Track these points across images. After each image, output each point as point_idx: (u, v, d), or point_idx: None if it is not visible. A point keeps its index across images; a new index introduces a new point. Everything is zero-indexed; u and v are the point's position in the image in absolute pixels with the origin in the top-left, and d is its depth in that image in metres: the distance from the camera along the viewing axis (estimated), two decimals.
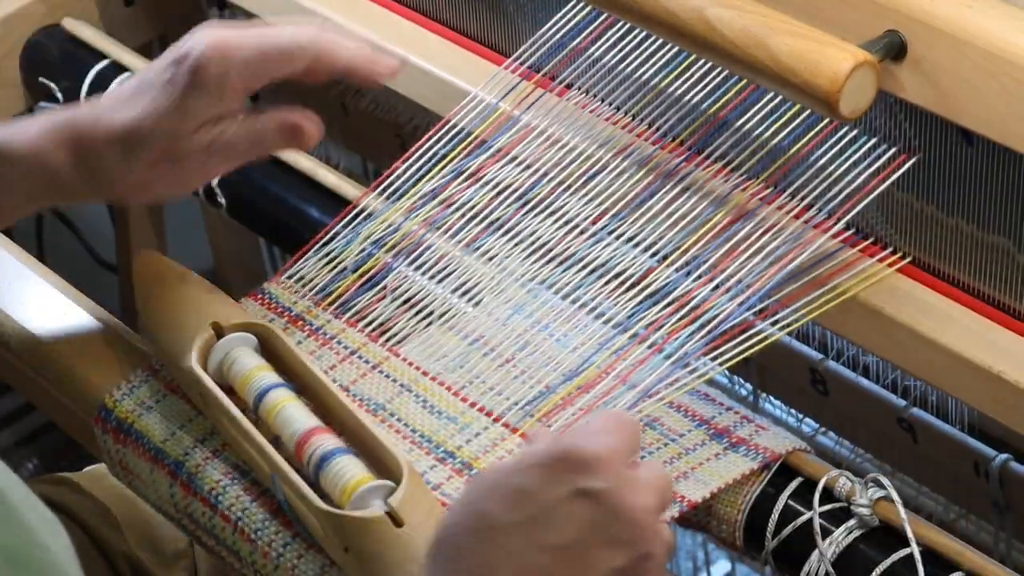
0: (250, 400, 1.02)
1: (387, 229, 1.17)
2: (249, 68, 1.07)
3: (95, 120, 1.09)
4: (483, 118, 1.22)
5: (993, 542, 1.27)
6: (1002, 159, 1.04)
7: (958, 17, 1.01)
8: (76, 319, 1.20)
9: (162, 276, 1.12)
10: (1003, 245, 1.07)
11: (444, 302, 1.13)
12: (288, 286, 1.16)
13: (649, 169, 1.16)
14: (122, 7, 1.62)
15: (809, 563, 1.05)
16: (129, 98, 1.09)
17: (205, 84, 1.06)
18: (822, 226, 1.10)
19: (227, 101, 1.08)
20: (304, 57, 1.08)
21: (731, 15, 1.04)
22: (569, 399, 1.04)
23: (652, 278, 1.10)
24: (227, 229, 1.76)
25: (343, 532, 0.94)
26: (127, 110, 1.09)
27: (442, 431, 1.05)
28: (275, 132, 1.10)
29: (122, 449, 1.09)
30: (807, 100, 1.02)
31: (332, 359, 1.11)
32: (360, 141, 1.67)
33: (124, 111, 1.09)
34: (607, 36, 1.20)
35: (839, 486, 1.06)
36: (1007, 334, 1.08)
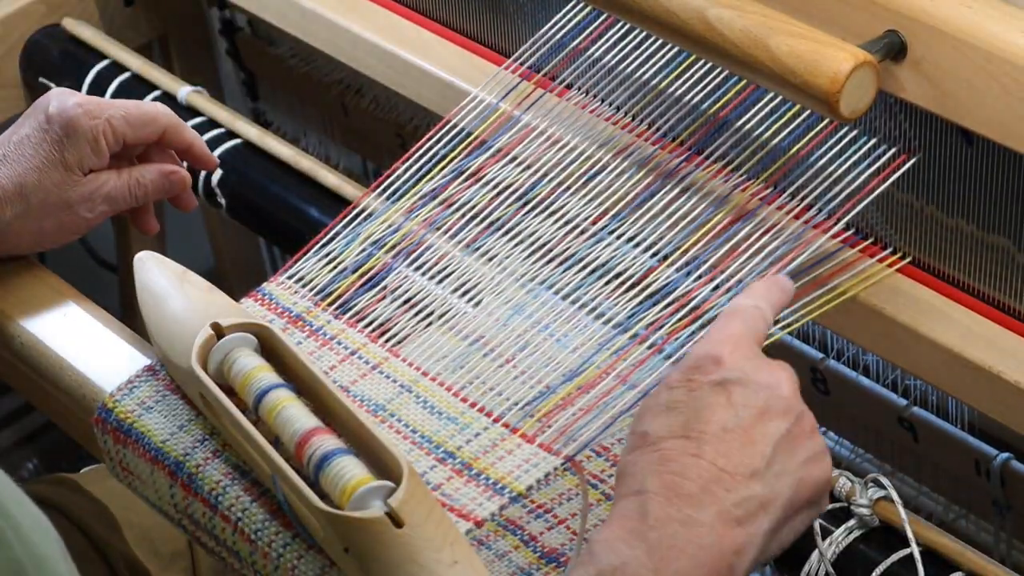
0: (250, 400, 1.02)
1: (387, 229, 1.17)
2: (114, 125, 1.20)
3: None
4: (483, 118, 1.22)
5: (993, 542, 1.27)
6: (1002, 159, 1.05)
7: (958, 17, 1.01)
8: (76, 319, 1.20)
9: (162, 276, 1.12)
10: (1003, 245, 1.07)
11: (444, 302, 1.13)
12: (288, 286, 1.16)
13: (649, 169, 1.16)
14: (122, 7, 1.62)
15: (809, 563, 1.05)
16: (10, 156, 1.19)
17: (78, 136, 1.18)
18: (822, 226, 1.10)
19: (100, 153, 1.20)
20: (160, 124, 1.22)
21: (731, 15, 1.04)
22: (569, 399, 1.04)
23: (652, 278, 1.10)
24: (227, 229, 1.77)
25: (343, 533, 0.94)
26: (10, 168, 1.18)
27: (442, 431, 1.05)
28: (153, 182, 1.23)
29: (122, 449, 1.09)
30: (807, 100, 1.02)
31: (332, 359, 1.11)
32: (360, 141, 1.67)
33: (7, 169, 1.18)
34: (607, 36, 1.20)
35: (839, 486, 1.06)
36: (1007, 334, 1.08)
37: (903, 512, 1.04)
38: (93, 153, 1.20)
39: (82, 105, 1.20)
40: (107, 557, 1.25)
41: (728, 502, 0.89)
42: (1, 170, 1.18)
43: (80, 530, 1.25)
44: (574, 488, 1.06)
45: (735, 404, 0.92)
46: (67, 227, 1.21)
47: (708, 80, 1.16)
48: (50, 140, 1.19)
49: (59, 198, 1.19)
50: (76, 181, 1.19)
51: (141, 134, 1.22)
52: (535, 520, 1.05)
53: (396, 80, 1.36)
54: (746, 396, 0.92)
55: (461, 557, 0.93)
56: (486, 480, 1.01)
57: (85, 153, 1.19)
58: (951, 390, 1.09)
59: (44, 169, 1.18)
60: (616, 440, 1.09)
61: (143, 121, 1.22)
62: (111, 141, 1.20)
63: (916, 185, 1.10)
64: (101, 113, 1.20)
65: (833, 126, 1.10)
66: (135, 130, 1.21)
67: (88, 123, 1.19)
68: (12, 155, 1.19)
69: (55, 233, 1.21)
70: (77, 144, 1.19)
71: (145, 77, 1.50)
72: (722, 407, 0.92)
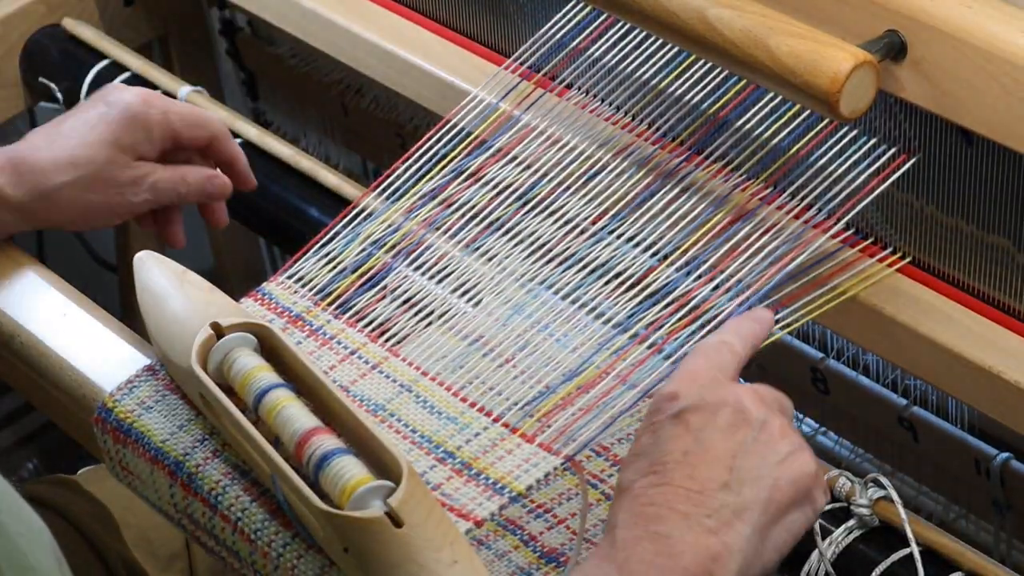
0: (250, 400, 1.02)
1: (387, 229, 1.17)
2: (168, 119, 1.24)
3: (35, 148, 1.22)
4: (483, 118, 1.22)
5: (993, 542, 1.27)
6: (1002, 159, 1.04)
7: (958, 17, 1.01)
8: (76, 319, 1.20)
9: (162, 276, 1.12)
10: (1003, 245, 1.07)
11: (444, 302, 1.13)
12: (288, 286, 1.16)
13: (649, 169, 1.16)
14: (122, 7, 1.62)
15: (809, 563, 1.05)
16: (65, 131, 1.23)
17: (134, 121, 1.22)
18: (822, 226, 1.10)
19: (152, 141, 1.23)
20: (210, 130, 1.26)
21: (731, 15, 1.04)
22: (569, 399, 1.04)
23: (652, 278, 1.10)
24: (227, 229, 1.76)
25: (343, 532, 0.94)
26: (64, 140, 1.22)
27: (442, 431, 1.05)
28: (197, 182, 1.26)
29: (122, 449, 1.09)
30: (807, 100, 1.02)
31: (332, 359, 1.11)
32: (360, 141, 1.67)
33: (63, 140, 1.22)
34: (607, 36, 1.20)
35: (839, 486, 1.06)
36: (1007, 334, 1.08)
37: (903, 512, 1.04)
38: (146, 140, 1.23)
39: (142, 95, 1.24)
40: (105, 558, 1.25)
41: (699, 515, 0.90)
42: (56, 142, 1.22)
43: (78, 531, 1.25)
44: (574, 488, 1.06)
45: (693, 429, 0.93)
46: (113, 207, 1.24)
47: (708, 80, 1.16)
48: (106, 121, 1.23)
49: (109, 175, 1.23)
50: (126, 163, 1.23)
51: (192, 134, 1.25)
52: (535, 520, 1.05)
53: (396, 80, 1.36)
54: (703, 419, 0.93)
55: (461, 557, 0.93)
56: (486, 480, 1.01)
57: (138, 138, 1.23)
58: (951, 390, 1.09)
59: (97, 145, 1.22)
60: (616, 440, 1.09)
61: (197, 123, 1.25)
62: (164, 133, 1.24)
63: (916, 185, 1.10)
64: (159, 105, 1.24)
65: (833, 126, 1.10)
66: (188, 129, 1.25)
67: (145, 111, 1.23)
68: (67, 131, 1.23)
69: (101, 210, 1.24)
70: (132, 128, 1.22)
71: (145, 77, 1.50)
72: (681, 436, 0.93)
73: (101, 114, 1.23)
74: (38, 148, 1.22)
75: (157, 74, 1.49)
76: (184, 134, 1.25)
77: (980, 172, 1.06)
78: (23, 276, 1.23)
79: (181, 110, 1.25)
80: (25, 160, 1.21)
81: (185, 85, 1.47)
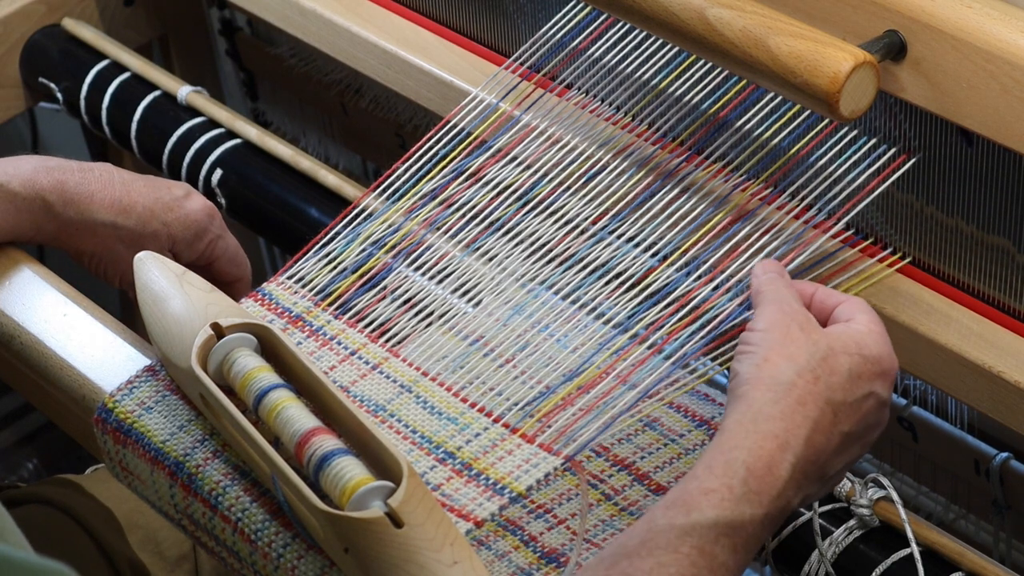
0: (250, 401, 1.02)
1: (387, 229, 1.17)
2: (217, 245, 1.26)
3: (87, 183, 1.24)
4: (483, 118, 1.22)
5: (993, 542, 1.27)
6: (1002, 159, 1.05)
7: (958, 17, 1.01)
8: (76, 319, 1.20)
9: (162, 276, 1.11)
10: (1003, 245, 1.07)
11: (444, 302, 1.13)
12: (288, 286, 1.16)
13: (649, 169, 1.16)
14: (122, 7, 1.62)
15: (809, 563, 1.05)
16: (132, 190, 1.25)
17: (189, 227, 1.24)
18: (822, 226, 1.10)
19: (192, 253, 1.25)
20: (241, 273, 1.29)
21: (731, 15, 1.04)
22: (569, 399, 1.04)
23: (652, 278, 1.10)
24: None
25: (343, 533, 0.94)
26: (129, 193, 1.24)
27: (442, 432, 1.05)
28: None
29: (122, 450, 1.09)
30: (807, 100, 1.02)
31: (332, 360, 1.11)
32: (360, 141, 1.67)
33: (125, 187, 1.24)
34: (607, 36, 1.20)
35: (839, 486, 1.06)
36: (1007, 334, 1.08)
37: (903, 512, 1.04)
38: (188, 247, 1.25)
39: (210, 210, 1.26)
40: (112, 560, 1.25)
41: None
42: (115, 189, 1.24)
43: (86, 532, 1.25)
44: (574, 488, 1.06)
45: None
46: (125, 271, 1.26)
47: (708, 80, 1.16)
48: (169, 207, 1.25)
49: (142, 243, 1.24)
50: (161, 247, 1.24)
51: (225, 268, 1.28)
52: (535, 520, 1.05)
53: (396, 80, 1.36)
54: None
55: (461, 557, 0.93)
56: (486, 480, 1.01)
57: (186, 237, 1.25)
58: (951, 390, 1.09)
59: (151, 218, 1.24)
60: (616, 440, 1.09)
61: (235, 261, 1.28)
62: (207, 253, 1.27)
63: (916, 185, 1.10)
64: (216, 229, 1.26)
65: (833, 126, 1.10)
66: (226, 263, 1.28)
67: (206, 226, 1.25)
68: (134, 191, 1.25)
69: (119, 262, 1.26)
70: (184, 229, 1.25)
71: (145, 77, 1.50)
72: None
73: (171, 199, 1.25)
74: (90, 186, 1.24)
75: (157, 74, 1.49)
76: (220, 264, 1.27)
77: (980, 172, 1.06)
78: (23, 276, 1.23)
79: (230, 244, 1.27)
80: (79, 194, 1.24)
81: (185, 85, 1.47)
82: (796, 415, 0.93)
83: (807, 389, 0.93)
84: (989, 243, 1.07)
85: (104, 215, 1.23)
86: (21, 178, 1.21)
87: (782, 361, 0.94)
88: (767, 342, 0.95)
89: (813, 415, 0.93)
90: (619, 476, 1.07)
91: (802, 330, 0.95)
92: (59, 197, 1.22)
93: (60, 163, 1.24)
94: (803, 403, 0.93)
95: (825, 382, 0.94)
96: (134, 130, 1.49)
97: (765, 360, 0.94)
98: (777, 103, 1.12)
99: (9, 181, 1.21)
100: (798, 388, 0.93)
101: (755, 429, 0.92)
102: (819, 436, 0.93)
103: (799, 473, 0.92)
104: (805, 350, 0.94)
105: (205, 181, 1.42)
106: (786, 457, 0.92)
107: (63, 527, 1.25)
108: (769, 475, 0.91)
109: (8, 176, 1.21)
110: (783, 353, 0.94)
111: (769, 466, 0.91)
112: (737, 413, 0.93)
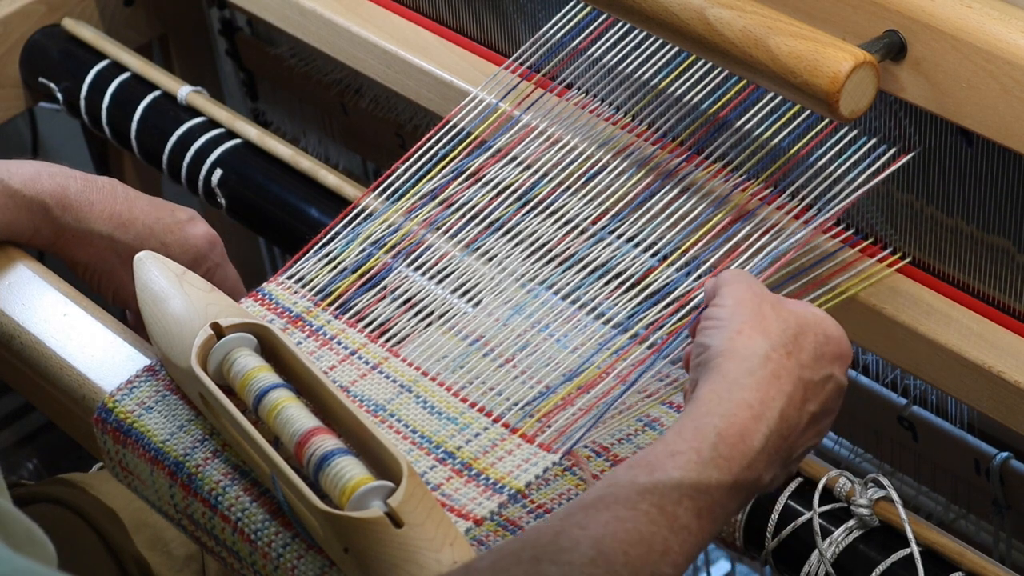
0: (250, 400, 1.02)
1: (387, 229, 1.17)
2: (215, 275, 1.25)
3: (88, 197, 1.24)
4: (483, 118, 1.22)
5: (993, 542, 1.27)
6: (1002, 159, 1.05)
7: (958, 17, 1.01)
8: (76, 319, 1.20)
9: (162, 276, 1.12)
10: (1003, 245, 1.07)
11: (444, 302, 1.13)
12: (288, 286, 1.16)
13: (649, 169, 1.16)
14: (122, 7, 1.62)
15: (809, 563, 1.05)
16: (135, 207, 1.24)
17: (188, 252, 1.24)
18: (822, 226, 1.10)
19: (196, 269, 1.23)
20: None
21: (731, 15, 1.04)
22: (569, 399, 1.04)
23: (652, 278, 1.10)
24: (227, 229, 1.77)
25: (343, 533, 0.94)
26: (132, 209, 1.24)
27: (442, 432, 1.05)
28: None
29: (122, 449, 1.09)
30: (807, 100, 1.02)
31: (332, 359, 1.11)
32: (360, 141, 1.67)
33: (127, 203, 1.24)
34: (607, 36, 1.20)
35: (839, 486, 1.06)
36: (1007, 334, 1.08)
37: (903, 512, 1.04)
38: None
39: (212, 238, 1.26)
40: (120, 559, 1.25)
41: None
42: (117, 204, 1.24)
43: (94, 531, 1.26)
44: (574, 488, 1.06)
45: None
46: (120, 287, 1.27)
47: (708, 80, 1.16)
48: (169, 229, 1.24)
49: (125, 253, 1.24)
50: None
51: None
52: (535, 520, 1.05)
53: (396, 80, 1.36)
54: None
55: (461, 557, 0.93)
56: (486, 480, 1.01)
57: (179, 261, 1.24)
58: (951, 390, 1.09)
59: (149, 236, 1.24)
60: (616, 440, 1.09)
61: (232, 294, 1.25)
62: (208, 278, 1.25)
63: (916, 185, 1.10)
64: (216, 258, 1.26)
65: (833, 126, 1.10)
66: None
67: (205, 253, 1.25)
68: (137, 208, 1.24)
69: (112, 277, 1.26)
70: (183, 255, 1.24)
71: (145, 77, 1.50)
72: None
73: (173, 221, 1.24)
74: (91, 195, 1.24)
75: (157, 74, 1.49)
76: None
77: (980, 172, 1.06)
78: (23, 276, 1.23)
79: (229, 274, 1.26)
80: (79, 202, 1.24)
81: (185, 85, 1.47)
82: (771, 388, 0.92)
83: (781, 363, 0.93)
84: (989, 243, 1.07)
85: (102, 226, 1.23)
86: (23, 177, 1.21)
87: (756, 335, 0.93)
88: (739, 316, 0.94)
89: (787, 389, 0.93)
90: None
91: (772, 308, 0.95)
92: (58, 202, 1.22)
93: (65, 170, 1.24)
94: (778, 376, 0.93)
95: (796, 359, 0.94)
96: (134, 130, 1.49)
97: (738, 332, 0.94)
98: (777, 103, 1.12)
99: (10, 178, 1.21)
100: (772, 361, 0.93)
101: (729, 398, 0.91)
102: (792, 411, 0.93)
103: (771, 445, 0.92)
104: (777, 326, 0.94)
105: (205, 181, 1.42)
106: (760, 427, 0.91)
107: (71, 526, 1.25)
108: (741, 443, 0.90)
109: (10, 174, 1.21)
110: (757, 327, 0.94)
111: (742, 434, 0.91)
112: (711, 383, 0.93)
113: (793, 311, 0.96)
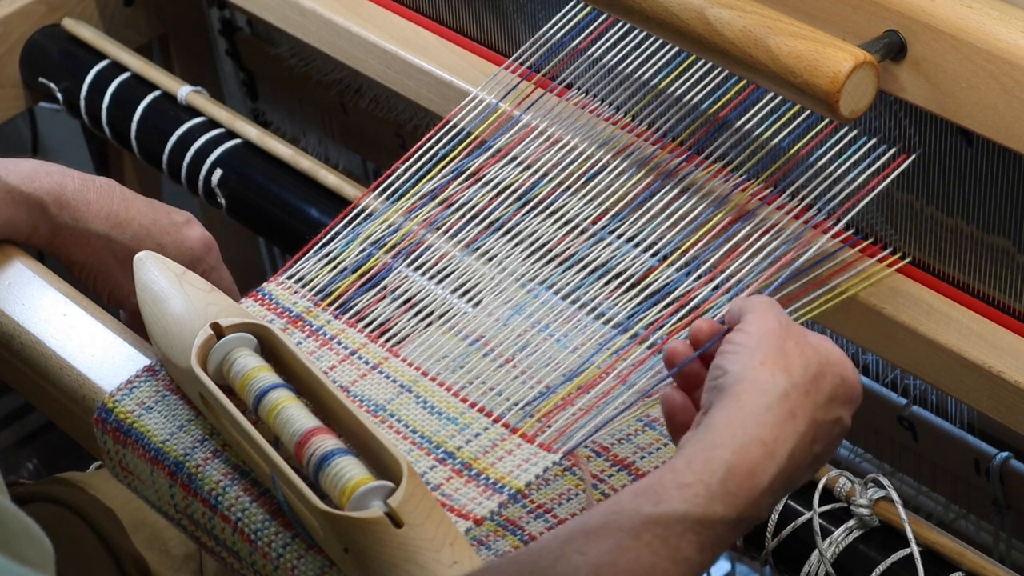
0: (250, 400, 1.02)
1: (387, 229, 1.17)
2: (210, 277, 1.23)
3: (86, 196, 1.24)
4: (483, 118, 1.22)
5: (993, 542, 1.27)
6: (1002, 159, 1.05)
7: (958, 17, 1.01)
8: (76, 319, 1.20)
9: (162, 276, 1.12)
10: (1003, 245, 1.07)
11: (444, 302, 1.13)
12: (288, 286, 1.16)
13: (649, 169, 1.16)
14: (122, 7, 1.62)
15: (809, 563, 1.05)
16: (131, 208, 1.24)
17: (184, 253, 1.24)
18: (822, 226, 1.10)
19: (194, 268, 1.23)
20: None
21: (731, 15, 1.04)
22: (569, 399, 1.04)
23: (652, 278, 1.10)
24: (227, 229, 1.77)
25: (343, 533, 0.94)
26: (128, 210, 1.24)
27: (442, 432, 1.05)
28: None
29: (122, 449, 1.09)
30: (807, 100, 1.02)
31: (332, 359, 1.11)
32: (360, 141, 1.67)
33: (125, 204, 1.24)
34: (607, 36, 1.20)
35: (839, 486, 1.06)
36: (1007, 334, 1.08)
37: (903, 512, 1.04)
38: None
39: (208, 242, 1.26)
40: (118, 558, 1.26)
41: None
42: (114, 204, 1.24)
43: (92, 530, 1.26)
44: (574, 488, 1.06)
45: None
46: (119, 287, 1.27)
47: (708, 80, 1.16)
48: (166, 231, 1.24)
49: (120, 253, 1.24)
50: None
51: None
52: (535, 520, 1.05)
53: (396, 80, 1.36)
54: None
55: (461, 557, 0.93)
56: (486, 480, 1.01)
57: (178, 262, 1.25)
58: (951, 390, 1.09)
59: (146, 237, 1.24)
60: (616, 440, 1.09)
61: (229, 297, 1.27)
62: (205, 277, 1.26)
63: (916, 185, 1.10)
64: (211, 261, 1.25)
65: (833, 126, 1.10)
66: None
67: (201, 255, 1.25)
68: (134, 209, 1.24)
69: (109, 277, 1.26)
70: (179, 255, 1.23)
71: (145, 77, 1.50)
72: None
73: (169, 223, 1.24)
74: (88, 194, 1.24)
75: (157, 74, 1.49)
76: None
77: (980, 172, 1.06)
78: (23, 276, 1.23)
79: (223, 278, 1.26)
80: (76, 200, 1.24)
81: (185, 85, 1.47)
82: (787, 426, 0.92)
83: (799, 403, 0.92)
84: (989, 243, 1.07)
85: (98, 226, 1.23)
86: (21, 175, 1.21)
87: (778, 371, 0.93)
88: (763, 347, 0.94)
89: (801, 429, 0.92)
90: (619, 476, 1.07)
91: (796, 344, 0.94)
92: (56, 200, 1.22)
93: (62, 169, 1.24)
94: (793, 416, 0.92)
95: (813, 400, 0.93)
96: (134, 130, 1.49)
97: (761, 363, 0.93)
98: (777, 103, 1.12)
99: (8, 175, 1.21)
100: (791, 400, 0.92)
101: (743, 432, 0.91)
102: (800, 452, 0.92)
103: (777, 484, 0.91)
104: (799, 363, 0.93)
105: (205, 181, 1.42)
106: (769, 466, 0.91)
107: (69, 525, 1.25)
108: (749, 480, 0.90)
109: (7, 171, 1.21)
110: (779, 363, 0.93)
111: (751, 471, 0.90)
112: (726, 411, 0.92)
113: (817, 349, 0.95)
